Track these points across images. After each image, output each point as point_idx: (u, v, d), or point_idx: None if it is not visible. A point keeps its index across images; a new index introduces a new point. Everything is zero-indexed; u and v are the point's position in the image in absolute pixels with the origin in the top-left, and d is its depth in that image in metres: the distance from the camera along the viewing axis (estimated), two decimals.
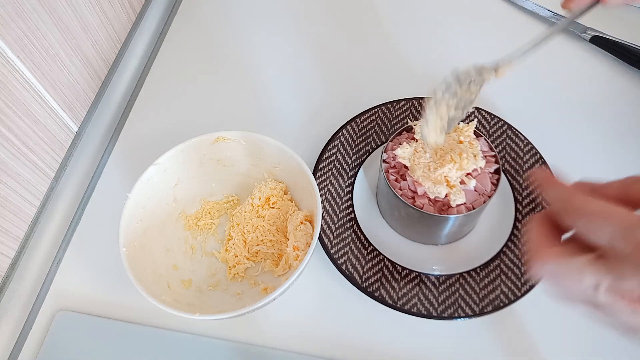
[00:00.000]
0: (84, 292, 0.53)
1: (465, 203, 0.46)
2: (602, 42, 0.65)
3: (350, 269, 0.50)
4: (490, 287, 0.49)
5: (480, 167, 0.47)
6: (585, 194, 0.29)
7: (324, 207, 0.54)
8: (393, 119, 0.60)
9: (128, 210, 0.48)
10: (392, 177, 0.49)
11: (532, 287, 0.48)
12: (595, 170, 0.57)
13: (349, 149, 0.58)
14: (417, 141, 0.49)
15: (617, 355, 0.47)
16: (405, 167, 0.48)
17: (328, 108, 0.63)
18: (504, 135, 0.58)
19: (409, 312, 0.48)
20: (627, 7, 0.69)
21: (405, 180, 0.48)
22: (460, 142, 0.48)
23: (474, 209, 0.46)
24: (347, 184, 0.56)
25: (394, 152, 0.49)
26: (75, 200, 0.58)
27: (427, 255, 0.52)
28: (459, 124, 0.49)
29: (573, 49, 0.67)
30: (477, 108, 0.59)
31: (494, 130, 0.58)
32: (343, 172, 0.57)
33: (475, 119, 0.53)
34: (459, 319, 0.48)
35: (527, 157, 0.56)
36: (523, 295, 0.48)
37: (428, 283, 0.50)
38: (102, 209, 0.58)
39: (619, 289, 0.25)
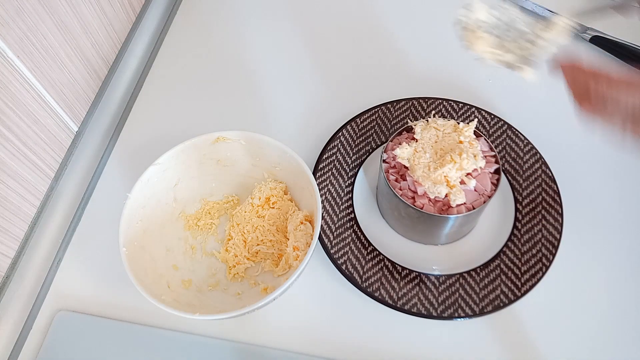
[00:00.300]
0: (84, 292, 0.53)
1: (465, 203, 0.46)
2: (602, 42, 0.65)
3: (350, 269, 0.50)
4: (490, 287, 0.49)
5: (480, 167, 0.47)
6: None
7: (324, 207, 0.54)
8: (393, 119, 0.60)
9: (128, 210, 0.48)
10: (392, 177, 0.49)
11: (532, 287, 0.48)
12: (595, 170, 0.58)
13: (349, 149, 0.58)
14: (416, 141, 0.49)
15: (617, 355, 0.47)
16: (405, 167, 0.48)
17: (328, 108, 0.63)
18: (504, 135, 0.58)
19: (409, 312, 0.48)
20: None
21: (405, 180, 0.48)
22: (460, 142, 0.48)
23: (474, 209, 0.46)
24: (347, 184, 0.56)
25: (393, 152, 0.49)
26: (75, 200, 0.58)
27: (427, 255, 0.52)
28: (459, 123, 0.49)
29: (573, 49, 0.67)
30: (477, 108, 0.59)
31: (494, 130, 0.58)
32: (343, 172, 0.57)
33: (475, 119, 0.53)
34: (459, 319, 0.48)
35: (527, 157, 0.56)
36: (523, 295, 0.48)
37: (428, 283, 0.50)
38: (102, 209, 0.58)
39: None
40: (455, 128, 0.49)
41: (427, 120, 0.50)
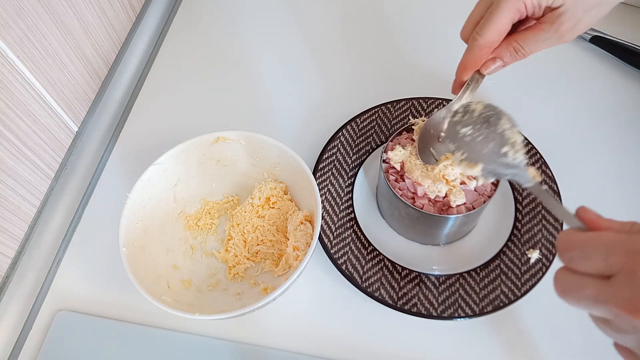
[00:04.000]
0: (84, 292, 0.53)
1: (465, 203, 0.46)
2: (602, 42, 0.65)
3: (350, 269, 0.50)
4: (490, 287, 0.49)
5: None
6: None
7: (324, 207, 0.54)
8: (393, 119, 0.60)
9: (128, 210, 0.48)
10: (392, 177, 0.49)
11: (532, 287, 0.48)
12: (595, 170, 0.58)
13: (349, 149, 0.58)
14: (413, 142, 0.49)
15: (617, 355, 0.47)
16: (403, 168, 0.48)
17: (328, 108, 0.63)
18: None
19: (409, 312, 0.48)
20: (627, 7, 0.69)
21: (405, 180, 0.48)
22: None
23: (474, 209, 0.46)
24: (347, 184, 0.56)
25: (388, 154, 0.49)
26: (75, 200, 0.58)
27: (427, 255, 0.52)
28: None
29: (573, 49, 0.67)
30: None
31: None
32: (343, 172, 0.57)
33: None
34: (459, 319, 0.48)
35: (527, 157, 0.56)
36: (523, 295, 0.48)
37: (428, 283, 0.50)
38: (102, 209, 0.58)
39: (615, 300, 0.26)
40: None
41: (425, 120, 0.50)
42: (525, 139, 0.57)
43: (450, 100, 0.60)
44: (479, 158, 0.41)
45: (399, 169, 0.49)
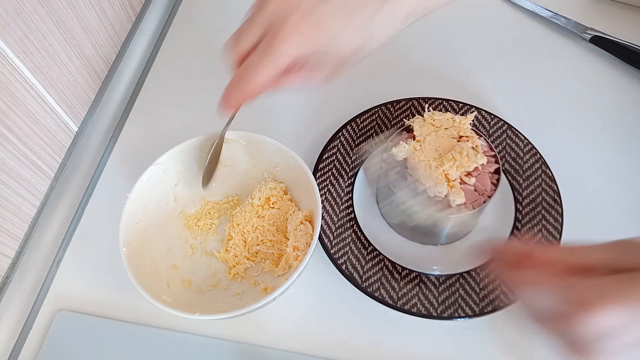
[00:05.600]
0: (84, 292, 0.53)
1: (465, 203, 0.46)
2: (602, 42, 0.65)
3: (350, 269, 0.50)
4: (490, 287, 0.49)
5: (482, 165, 0.47)
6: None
7: (324, 207, 0.54)
8: (393, 119, 0.60)
9: (128, 210, 0.48)
10: (392, 177, 0.49)
11: None
12: (595, 170, 0.58)
13: (349, 149, 0.58)
14: (414, 138, 0.49)
15: None
16: (405, 167, 0.48)
17: (328, 108, 0.63)
18: (504, 135, 0.58)
19: (409, 312, 0.48)
20: (627, 7, 0.69)
21: (405, 180, 0.48)
22: (460, 137, 0.48)
23: (474, 209, 0.46)
24: (347, 184, 0.56)
25: (391, 151, 0.49)
26: (75, 200, 0.58)
27: (427, 255, 0.52)
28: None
29: (573, 49, 0.67)
30: (477, 108, 0.59)
31: (494, 130, 0.58)
32: (343, 172, 0.57)
33: (474, 113, 0.53)
34: (459, 319, 0.48)
35: (527, 157, 0.56)
36: None
37: (428, 283, 0.50)
38: (102, 209, 0.58)
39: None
40: (453, 122, 0.49)
41: (424, 117, 0.50)
42: (526, 139, 0.57)
43: (451, 100, 0.60)
44: None
45: (407, 165, 0.48)
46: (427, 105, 0.60)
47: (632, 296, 0.26)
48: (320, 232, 0.51)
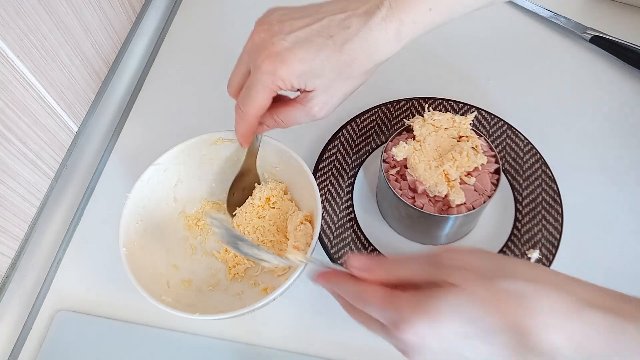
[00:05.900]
0: (84, 292, 0.53)
1: (465, 203, 0.46)
2: (602, 42, 0.65)
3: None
4: None
5: (482, 165, 0.47)
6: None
7: (324, 207, 0.54)
8: (393, 119, 0.60)
9: (128, 210, 0.48)
10: (392, 177, 0.49)
11: None
12: (595, 169, 0.58)
13: (349, 149, 0.58)
14: (414, 138, 0.49)
15: None
16: (405, 166, 0.48)
17: None
18: (504, 135, 0.58)
19: None
20: (627, 7, 0.69)
21: (405, 180, 0.48)
22: (460, 136, 0.48)
23: (474, 209, 0.46)
24: (347, 184, 0.56)
25: (391, 151, 0.49)
26: (75, 200, 0.58)
27: None
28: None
29: (573, 49, 0.67)
30: (477, 108, 0.59)
31: (494, 130, 0.58)
32: (343, 172, 0.57)
33: (474, 113, 0.53)
34: None
35: (527, 157, 0.56)
36: None
37: None
38: (102, 209, 0.58)
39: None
40: (453, 122, 0.49)
41: (424, 117, 0.50)
42: (526, 139, 0.57)
43: (451, 100, 0.60)
44: None
45: (407, 165, 0.48)
46: (427, 105, 0.60)
47: (431, 312, 0.30)
48: (320, 232, 0.51)
